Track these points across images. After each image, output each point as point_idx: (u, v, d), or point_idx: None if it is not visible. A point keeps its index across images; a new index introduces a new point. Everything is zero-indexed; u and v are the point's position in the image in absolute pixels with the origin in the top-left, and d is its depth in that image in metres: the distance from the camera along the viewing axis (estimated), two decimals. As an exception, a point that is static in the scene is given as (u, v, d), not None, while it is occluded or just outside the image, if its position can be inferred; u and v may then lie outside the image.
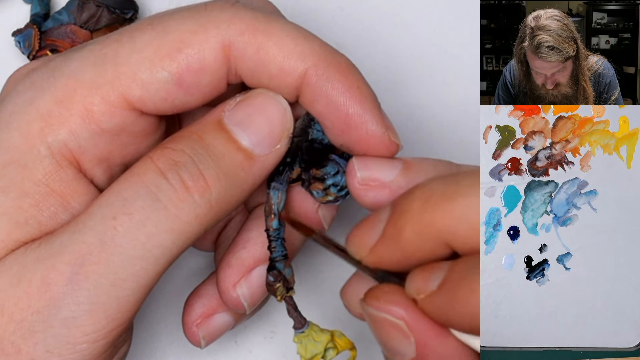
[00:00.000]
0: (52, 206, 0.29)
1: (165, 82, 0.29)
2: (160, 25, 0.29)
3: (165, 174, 0.28)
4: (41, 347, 0.28)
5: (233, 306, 0.33)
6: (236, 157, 0.29)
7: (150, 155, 0.29)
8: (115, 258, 0.28)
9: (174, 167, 0.28)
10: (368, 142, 0.30)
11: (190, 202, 0.28)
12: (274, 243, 0.32)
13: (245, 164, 0.30)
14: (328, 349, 0.32)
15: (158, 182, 0.28)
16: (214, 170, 0.29)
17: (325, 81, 0.30)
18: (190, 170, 0.28)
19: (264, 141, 0.30)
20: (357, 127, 0.30)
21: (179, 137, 0.30)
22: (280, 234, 0.32)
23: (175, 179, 0.28)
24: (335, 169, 0.32)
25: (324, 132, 0.31)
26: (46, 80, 0.29)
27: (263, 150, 0.30)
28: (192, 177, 0.28)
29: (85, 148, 0.29)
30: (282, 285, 0.32)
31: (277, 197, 0.32)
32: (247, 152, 0.30)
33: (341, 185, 0.32)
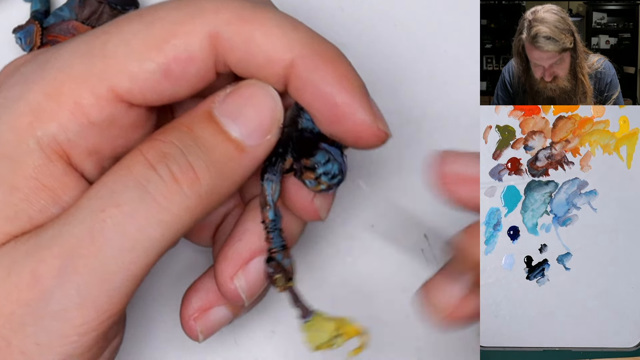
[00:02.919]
0: (42, 200, 0.29)
1: (153, 73, 0.29)
2: (149, 16, 0.29)
3: (155, 166, 0.28)
4: (31, 340, 0.28)
5: (231, 298, 0.33)
6: (226, 148, 0.29)
7: (140, 147, 0.29)
8: (105, 251, 0.28)
9: (163, 159, 0.28)
10: (357, 131, 0.30)
11: (180, 194, 0.28)
12: (271, 234, 0.32)
13: (236, 155, 0.29)
14: (336, 337, 0.32)
15: (147, 175, 0.28)
16: (204, 162, 0.29)
17: (312, 71, 0.29)
18: (179, 162, 0.28)
19: (255, 132, 0.30)
20: (346, 117, 0.30)
21: (169, 129, 0.30)
22: (277, 224, 0.32)
23: (164, 171, 0.28)
24: (326, 157, 0.31)
25: (314, 121, 0.31)
26: (35, 73, 0.29)
27: (253, 141, 0.30)
28: (181, 169, 0.28)
29: (74, 141, 0.29)
30: (282, 276, 0.32)
31: (270, 188, 0.32)
32: (238, 143, 0.30)
33: (332, 173, 0.31)
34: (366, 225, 0.43)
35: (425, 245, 0.44)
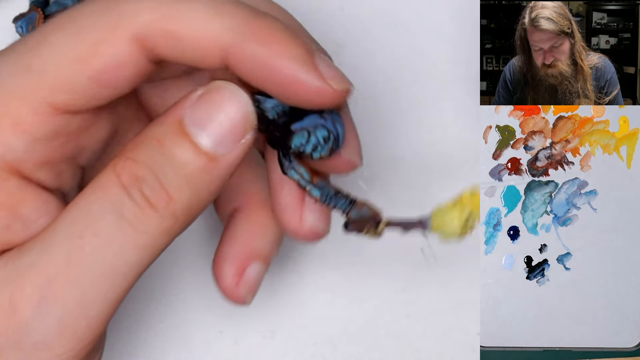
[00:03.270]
0: (3, 219, 0.29)
1: (86, 84, 0.28)
2: (72, 25, 0.29)
3: (129, 190, 0.28)
4: None
5: (236, 300, 0.34)
6: (198, 161, 0.29)
7: (114, 166, 0.29)
8: (83, 278, 0.28)
9: (135, 183, 0.28)
10: (309, 93, 0.29)
11: (155, 218, 0.28)
12: (331, 204, 0.31)
13: (209, 166, 0.29)
14: (467, 217, 0.30)
15: (122, 199, 0.28)
16: (176, 182, 0.28)
17: (247, 51, 0.28)
18: (152, 185, 0.28)
19: (226, 139, 0.29)
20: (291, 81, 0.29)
21: (140, 143, 0.29)
22: (329, 194, 0.31)
23: (138, 195, 0.28)
24: (305, 135, 0.30)
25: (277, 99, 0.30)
26: None
27: (226, 148, 0.29)
28: (154, 193, 0.28)
29: (23, 158, 0.29)
30: (371, 226, 0.31)
31: (297, 174, 0.31)
32: (209, 154, 0.29)
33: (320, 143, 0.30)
34: (366, 225, 0.43)
35: (425, 245, 0.44)
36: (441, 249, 0.43)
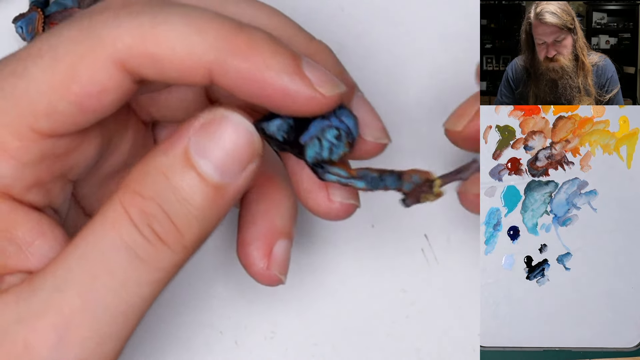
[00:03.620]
0: None
1: (68, 110, 0.28)
2: (50, 51, 0.28)
3: (139, 227, 0.28)
4: None
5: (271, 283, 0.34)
6: (205, 194, 0.29)
7: (120, 199, 0.28)
8: (100, 318, 0.28)
9: (145, 219, 0.28)
10: (302, 105, 0.29)
11: (168, 253, 0.28)
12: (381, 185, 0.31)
13: (216, 197, 0.29)
14: None
15: (134, 236, 0.28)
16: (185, 216, 0.28)
17: (231, 67, 0.28)
18: (161, 222, 0.28)
19: (231, 168, 0.29)
20: (283, 96, 0.28)
21: (146, 175, 0.29)
22: (373, 177, 0.31)
23: (148, 231, 0.28)
24: (317, 143, 0.30)
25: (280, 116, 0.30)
26: None
27: (231, 178, 0.29)
28: (164, 229, 0.28)
29: (11, 183, 0.29)
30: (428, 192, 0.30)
31: (335, 177, 0.30)
32: (216, 185, 0.29)
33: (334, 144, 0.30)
34: (366, 225, 0.43)
35: (425, 245, 0.44)
36: (441, 250, 0.43)
